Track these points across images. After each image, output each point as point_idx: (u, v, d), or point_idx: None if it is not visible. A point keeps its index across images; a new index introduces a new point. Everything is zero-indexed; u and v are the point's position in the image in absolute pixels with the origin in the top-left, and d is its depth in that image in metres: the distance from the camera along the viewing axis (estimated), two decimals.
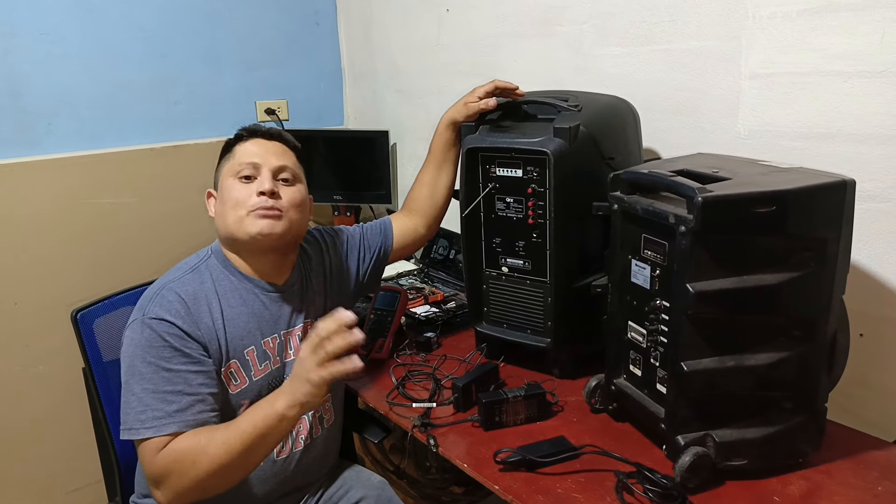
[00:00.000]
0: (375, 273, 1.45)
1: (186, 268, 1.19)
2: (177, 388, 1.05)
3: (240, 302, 1.18)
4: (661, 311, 1.08)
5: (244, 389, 1.16)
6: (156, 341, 1.07)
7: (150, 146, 2.10)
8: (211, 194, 1.25)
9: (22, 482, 1.96)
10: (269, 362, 1.20)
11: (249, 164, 1.17)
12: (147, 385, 1.05)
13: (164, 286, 1.14)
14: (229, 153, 1.22)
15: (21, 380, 1.93)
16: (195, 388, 1.07)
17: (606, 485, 1.05)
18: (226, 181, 1.19)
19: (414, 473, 2.03)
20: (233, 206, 1.16)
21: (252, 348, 1.18)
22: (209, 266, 1.19)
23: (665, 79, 1.50)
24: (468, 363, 1.46)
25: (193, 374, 1.08)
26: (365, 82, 2.48)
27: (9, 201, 1.86)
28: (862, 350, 1.23)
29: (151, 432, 1.03)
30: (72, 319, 1.32)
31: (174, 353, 1.07)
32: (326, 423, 1.29)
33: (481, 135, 1.36)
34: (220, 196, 1.20)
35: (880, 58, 1.17)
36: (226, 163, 1.21)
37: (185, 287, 1.14)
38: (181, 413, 1.05)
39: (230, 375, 1.15)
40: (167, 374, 1.06)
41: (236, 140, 1.23)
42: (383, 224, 1.45)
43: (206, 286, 1.16)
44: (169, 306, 1.10)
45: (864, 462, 1.09)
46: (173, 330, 1.08)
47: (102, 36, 1.97)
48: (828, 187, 0.99)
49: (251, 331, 1.18)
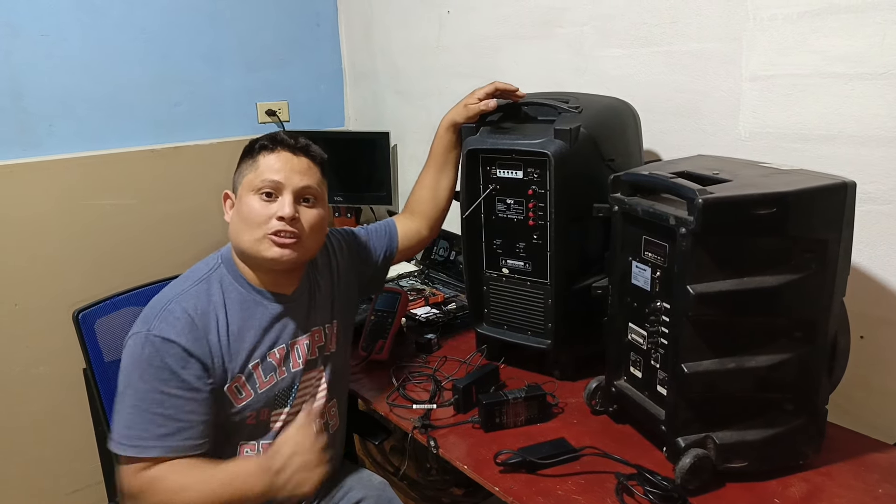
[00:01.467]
0: (381, 275, 1.44)
1: (195, 278, 1.15)
2: (167, 413, 1.04)
3: (248, 315, 1.15)
4: (662, 313, 1.08)
5: (250, 402, 1.15)
6: (155, 360, 1.05)
7: (150, 147, 2.10)
8: (228, 196, 1.19)
9: (23, 483, 1.96)
10: (275, 373, 1.18)
11: (272, 182, 1.12)
12: (139, 403, 1.04)
13: (171, 300, 1.11)
14: (252, 161, 1.15)
15: (22, 380, 1.93)
16: (185, 416, 1.05)
17: (607, 486, 1.05)
18: (246, 195, 1.13)
19: (414, 475, 2.03)
20: (250, 224, 1.11)
21: (258, 362, 1.15)
22: (219, 276, 1.16)
23: (666, 80, 1.50)
24: (468, 365, 1.46)
25: (186, 400, 1.06)
26: (366, 83, 2.48)
27: (10, 202, 1.86)
28: (862, 352, 1.22)
29: (134, 451, 1.03)
30: (73, 320, 1.32)
31: (171, 376, 1.05)
32: (332, 429, 1.29)
33: (482, 136, 1.36)
34: (237, 207, 1.15)
35: (881, 60, 1.17)
36: (247, 171, 1.14)
37: (194, 301, 1.11)
38: (166, 438, 1.04)
39: (235, 390, 1.13)
40: (160, 397, 1.04)
41: (260, 149, 1.15)
42: (388, 226, 1.44)
43: (214, 299, 1.13)
44: (175, 323, 1.07)
45: (865, 464, 1.09)
46: (175, 350, 1.06)
47: (103, 37, 1.98)
48: (828, 189, 0.99)
49: (257, 345, 1.15)
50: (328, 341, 1.27)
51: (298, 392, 1.21)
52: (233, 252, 1.18)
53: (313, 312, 1.25)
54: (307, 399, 1.23)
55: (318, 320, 1.25)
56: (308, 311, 1.24)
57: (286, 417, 1.20)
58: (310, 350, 1.22)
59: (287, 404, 1.20)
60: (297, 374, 1.21)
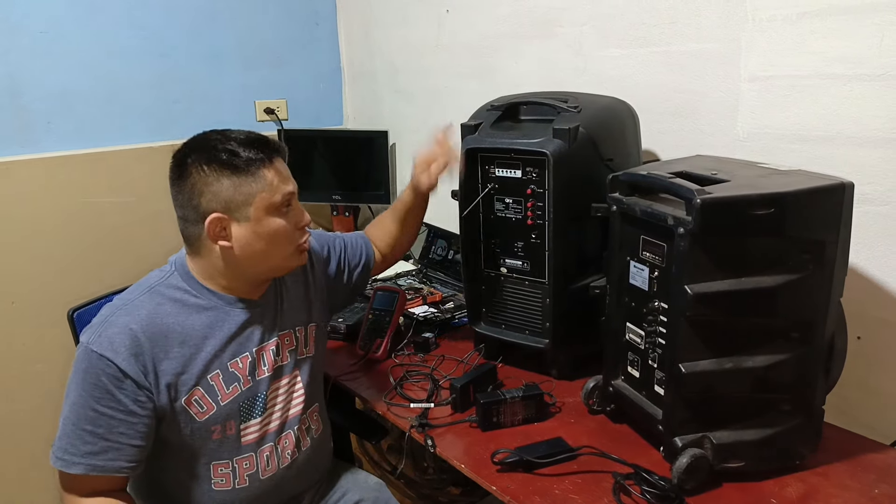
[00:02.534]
0: (361, 285, 1.43)
1: (143, 287, 1.10)
2: (97, 431, 1.01)
3: (203, 324, 1.10)
4: (660, 313, 1.08)
5: (212, 416, 1.10)
6: (90, 376, 1.02)
7: (149, 145, 2.10)
8: (221, 220, 1.05)
9: (18, 481, 1.95)
10: (239, 383, 1.12)
11: (290, 195, 1.10)
12: (71, 414, 1.02)
13: (115, 311, 1.06)
14: (248, 178, 1.05)
15: (18, 378, 1.93)
16: (114, 437, 1.02)
17: (604, 486, 1.05)
18: (266, 217, 1.06)
19: (411, 474, 2.03)
20: (282, 243, 1.10)
21: (217, 372, 1.10)
22: (169, 285, 1.10)
23: (664, 81, 1.51)
24: (466, 364, 1.46)
25: (118, 421, 1.02)
26: (364, 82, 2.48)
27: (7, 200, 1.85)
28: (859, 353, 1.23)
29: (59, 465, 1.02)
30: (69, 318, 1.32)
31: (105, 394, 1.02)
32: (315, 434, 1.26)
33: (481, 135, 1.36)
34: (254, 230, 1.06)
35: (879, 61, 1.17)
36: (254, 190, 1.05)
37: (138, 312, 1.05)
38: (92, 456, 1.01)
39: (194, 403, 1.08)
40: (92, 414, 1.01)
41: (256, 162, 1.06)
42: (364, 241, 1.43)
43: (162, 309, 1.07)
44: (113, 338, 1.02)
45: (861, 465, 1.09)
46: (111, 369, 1.01)
47: (102, 34, 1.97)
48: (826, 190, 0.99)
49: (215, 355, 1.10)
50: (302, 344, 1.23)
51: (268, 401, 1.17)
52: (189, 259, 1.12)
53: (280, 316, 1.20)
54: (279, 407, 1.18)
55: (287, 323, 1.21)
56: (275, 315, 1.19)
57: (258, 429, 1.15)
58: (279, 355, 1.18)
59: (255, 415, 1.15)
60: (264, 381, 1.16)
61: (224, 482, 1.13)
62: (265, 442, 1.16)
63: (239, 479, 1.14)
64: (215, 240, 1.07)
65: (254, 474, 1.15)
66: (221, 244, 1.07)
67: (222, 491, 1.14)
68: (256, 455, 1.15)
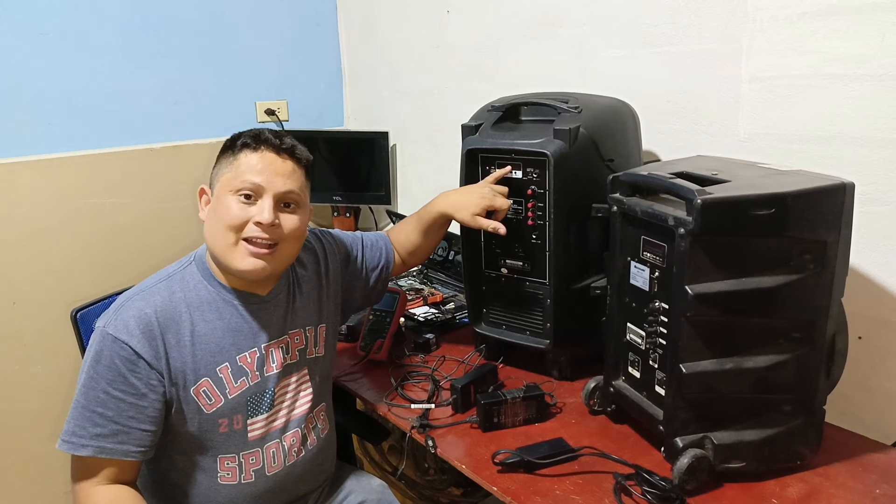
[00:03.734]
0: (381, 287, 1.42)
1: (161, 276, 1.12)
2: (107, 413, 1.02)
3: (215, 316, 1.11)
4: (660, 313, 1.08)
5: (220, 408, 1.10)
6: (104, 358, 1.03)
7: (149, 146, 2.10)
8: (204, 192, 1.13)
9: (20, 482, 1.95)
10: (247, 378, 1.13)
11: (252, 184, 1.06)
12: (82, 398, 1.03)
13: (131, 297, 1.08)
14: (232, 158, 1.09)
15: (19, 379, 1.93)
16: (123, 420, 1.03)
17: (605, 486, 1.05)
18: (223, 195, 1.08)
19: (412, 475, 2.03)
20: (225, 227, 1.06)
21: (226, 365, 1.11)
22: (186, 275, 1.12)
23: (665, 81, 1.50)
24: (467, 364, 1.46)
25: (128, 405, 1.03)
26: (365, 83, 2.48)
27: (8, 200, 1.86)
28: (861, 353, 1.23)
29: (66, 448, 1.03)
30: (71, 319, 1.32)
31: (117, 377, 1.02)
32: (322, 433, 1.26)
33: (481, 135, 1.36)
34: (213, 206, 1.10)
35: (880, 61, 1.17)
36: (226, 169, 1.09)
37: (153, 299, 1.07)
38: (100, 438, 1.02)
39: (203, 394, 1.09)
40: (103, 396, 1.02)
41: (243, 146, 1.09)
42: (385, 243, 1.42)
43: (176, 298, 1.09)
44: (128, 321, 1.04)
45: (863, 465, 1.09)
46: (125, 352, 1.03)
47: (103, 36, 1.98)
48: (827, 190, 0.99)
49: (225, 347, 1.11)
50: (312, 344, 1.23)
51: (276, 398, 1.17)
52: (207, 251, 1.14)
53: (291, 314, 1.20)
54: (287, 404, 1.19)
55: (298, 322, 1.21)
56: (286, 313, 1.19)
57: (265, 425, 1.16)
58: (288, 353, 1.18)
59: (263, 411, 1.15)
60: (273, 378, 1.16)
61: (230, 476, 1.14)
62: (271, 438, 1.17)
63: (245, 475, 1.14)
64: (199, 211, 1.14)
65: (259, 470, 1.15)
66: (200, 217, 1.13)
67: (228, 486, 1.14)
68: (263, 451, 1.16)
